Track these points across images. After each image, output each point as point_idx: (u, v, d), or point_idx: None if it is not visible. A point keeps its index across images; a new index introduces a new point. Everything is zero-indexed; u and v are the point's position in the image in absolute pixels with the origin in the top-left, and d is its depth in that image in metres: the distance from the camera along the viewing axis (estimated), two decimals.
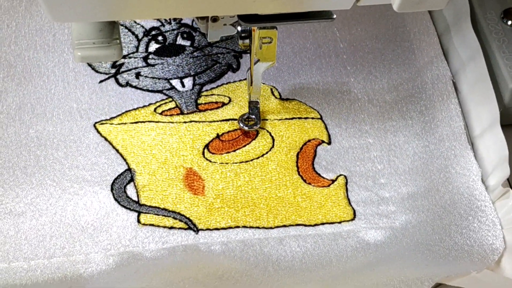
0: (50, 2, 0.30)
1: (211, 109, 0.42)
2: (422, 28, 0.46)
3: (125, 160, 0.39)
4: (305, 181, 0.40)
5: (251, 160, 0.40)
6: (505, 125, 0.42)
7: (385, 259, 0.38)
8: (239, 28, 0.39)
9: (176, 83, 0.42)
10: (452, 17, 0.45)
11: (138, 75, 0.43)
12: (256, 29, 0.37)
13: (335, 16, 0.35)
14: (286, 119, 0.42)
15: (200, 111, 0.42)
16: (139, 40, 0.44)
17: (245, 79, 0.43)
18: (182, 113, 0.42)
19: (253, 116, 0.42)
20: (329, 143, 0.41)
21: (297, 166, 0.40)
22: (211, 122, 0.41)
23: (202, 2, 0.31)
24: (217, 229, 0.37)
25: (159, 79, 0.43)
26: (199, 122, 0.41)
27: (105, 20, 0.35)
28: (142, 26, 0.44)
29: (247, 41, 0.40)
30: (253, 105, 0.42)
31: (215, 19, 0.37)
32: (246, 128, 0.42)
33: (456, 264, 0.38)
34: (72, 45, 0.35)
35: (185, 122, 0.41)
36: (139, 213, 0.38)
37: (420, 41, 0.45)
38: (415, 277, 0.38)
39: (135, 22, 0.44)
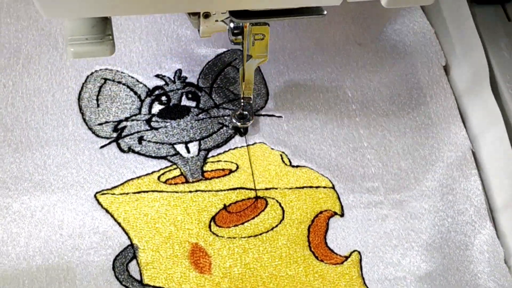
0: None
1: (217, 177, 0.40)
2: (439, 90, 0.44)
3: (127, 234, 0.37)
4: (317, 258, 0.38)
5: (260, 234, 0.38)
6: None
7: None
8: (231, 25, 0.39)
9: (180, 148, 0.40)
10: (470, 80, 0.43)
11: (141, 139, 0.41)
12: (248, 25, 0.37)
13: (325, 12, 0.35)
14: (296, 188, 0.40)
15: (206, 179, 0.40)
16: (141, 101, 0.42)
17: (254, 143, 0.41)
18: (187, 181, 0.40)
19: (246, 112, 0.42)
20: (342, 215, 0.39)
21: (308, 241, 0.38)
22: (217, 191, 0.39)
23: None
24: None
25: (162, 143, 0.41)
26: (205, 191, 0.39)
27: (97, 16, 0.35)
28: (145, 86, 0.42)
29: (239, 37, 0.39)
30: (246, 101, 0.43)
31: (207, 15, 0.38)
32: (238, 124, 0.42)
33: None
34: (65, 42, 0.35)
35: (190, 191, 0.39)
36: None
37: (437, 105, 0.43)
38: None
39: (137, 81, 0.42)
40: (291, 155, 0.41)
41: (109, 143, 0.41)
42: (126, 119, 0.41)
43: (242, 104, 0.43)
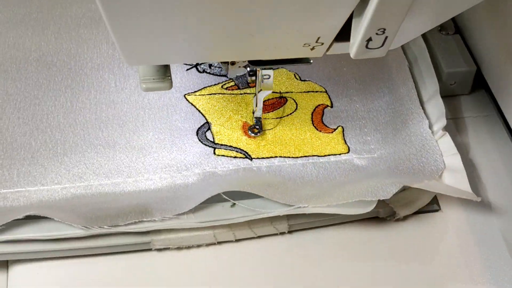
0: (125, 51, 0.39)
1: (254, 86, 0.63)
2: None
3: (204, 117, 0.59)
4: (317, 129, 0.59)
5: (283, 116, 0.60)
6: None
7: (368, 176, 0.53)
8: (248, 69, 0.51)
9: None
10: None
11: (210, 65, 0.63)
12: (259, 69, 0.51)
13: (312, 61, 0.47)
14: (304, 92, 0.62)
15: (250, 87, 0.62)
16: None
17: (278, 67, 0.64)
18: (238, 88, 0.62)
19: (257, 127, 0.57)
20: (331, 106, 0.62)
21: (312, 120, 0.60)
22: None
23: (225, 53, 0.42)
24: (263, 158, 0.55)
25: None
26: (250, 94, 0.62)
27: (161, 64, 0.46)
28: None
29: (253, 77, 0.53)
30: (257, 119, 0.57)
31: (233, 63, 0.50)
32: (252, 134, 0.57)
33: (415, 177, 0.53)
34: (139, 80, 0.46)
35: (240, 94, 0.62)
36: (214, 148, 0.56)
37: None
38: (388, 182, 0.50)
39: None
40: (300, 74, 0.64)
41: (191, 67, 0.63)
42: None
43: (255, 121, 0.57)
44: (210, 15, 0.35)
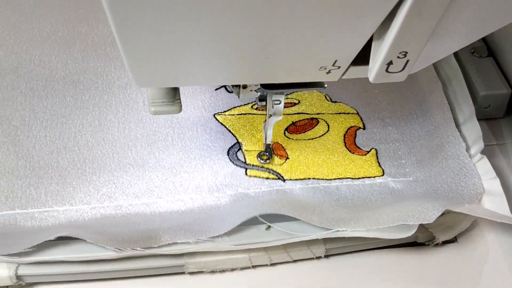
0: (135, 73, 0.38)
1: (287, 107, 0.61)
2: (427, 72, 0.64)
3: (235, 137, 0.58)
4: (350, 151, 0.58)
5: (315, 138, 0.59)
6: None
7: (406, 199, 0.52)
8: (258, 94, 0.50)
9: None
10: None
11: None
12: (270, 94, 0.49)
13: (326, 86, 0.45)
14: (335, 113, 0.62)
15: None
16: None
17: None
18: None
19: (267, 153, 0.56)
20: (364, 128, 0.61)
21: (344, 142, 0.59)
22: (288, 114, 0.61)
23: (238, 76, 0.41)
24: (296, 179, 0.55)
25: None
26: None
27: (170, 86, 0.45)
28: None
29: (263, 102, 0.51)
30: (267, 146, 0.56)
31: (244, 86, 0.49)
32: (262, 161, 0.56)
33: (455, 201, 0.52)
34: (148, 103, 0.45)
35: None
36: (246, 168, 0.55)
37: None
38: (430, 206, 0.49)
39: None
40: (331, 95, 0.64)
41: (220, 87, 0.62)
42: None
43: (264, 148, 0.56)
44: (225, 37, 0.34)
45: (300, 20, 0.33)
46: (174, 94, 0.45)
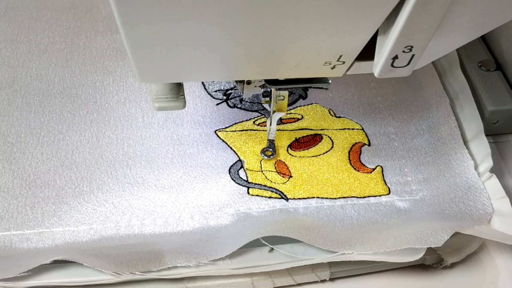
0: (140, 68, 0.38)
1: (290, 122, 0.60)
2: (426, 69, 0.64)
3: (236, 154, 0.57)
4: (355, 169, 0.56)
5: (319, 155, 0.57)
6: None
7: (413, 219, 0.50)
8: (262, 90, 0.50)
9: (267, 106, 0.61)
10: (447, 65, 0.63)
11: (241, 100, 0.62)
12: (275, 89, 0.49)
13: (330, 81, 0.45)
14: (339, 129, 0.60)
15: (283, 123, 0.60)
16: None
17: (311, 103, 0.63)
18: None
19: (270, 149, 0.56)
20: (369, 145, 0.59)
21: (349, 159, 0.57)
22: (291, 130, 0.59)
23: (243, 71, 0.40)
24: (300, 198, 0.53)
25: (255, 103, 0.62)
26: (284, 130, 0.59)
27: (175, 82, 0.45)
28: None
29: (268, 98, 0.52)
30: (270, 142, 0.56)
31: (248, 82, 0.48)
32: (265, 157, 0.55)
33: (464, 222, 0.50)
34: (152, 99, 0.45)
35: None
36: (248, 187, 0.53)
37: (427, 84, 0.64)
38: (437, 228, 0.48)
39: None
40: (335, 110, 0.62)
41: (222, 102, 0.61)
42: (232, 88, 0.63)
43: (268, 144, 0.56)
44: (231, 32, 0.34)
45: (306, 14, 0.33)
46: (178, 90, 0.44)
